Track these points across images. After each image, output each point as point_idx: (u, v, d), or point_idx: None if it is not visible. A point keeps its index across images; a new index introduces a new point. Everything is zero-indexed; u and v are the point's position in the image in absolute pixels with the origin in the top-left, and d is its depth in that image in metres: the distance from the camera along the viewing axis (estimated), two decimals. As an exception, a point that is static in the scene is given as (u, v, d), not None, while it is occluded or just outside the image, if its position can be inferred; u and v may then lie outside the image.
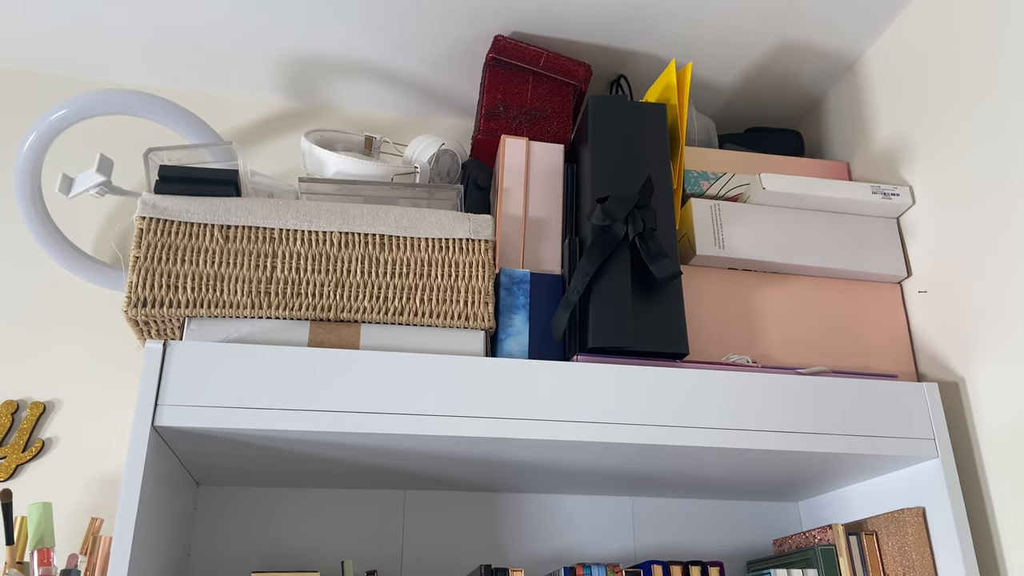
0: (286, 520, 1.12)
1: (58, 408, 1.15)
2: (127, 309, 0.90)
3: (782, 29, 1.25)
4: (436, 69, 1.33)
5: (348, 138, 1.26)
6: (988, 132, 1.04)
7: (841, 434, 0.97)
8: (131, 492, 0.81)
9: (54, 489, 1.10)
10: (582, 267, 0.98)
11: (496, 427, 0.89)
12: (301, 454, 0.95)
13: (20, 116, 1.31)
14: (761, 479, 1.10)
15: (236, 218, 0.97)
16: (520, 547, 1.16)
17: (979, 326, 1.03)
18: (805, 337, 1.12)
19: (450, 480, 1.10)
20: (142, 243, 0.93)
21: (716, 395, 0.96)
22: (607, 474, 1.07)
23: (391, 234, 1.00)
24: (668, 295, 1.01)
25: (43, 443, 1.12)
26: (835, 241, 1.16)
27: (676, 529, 1.21)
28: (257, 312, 0.93)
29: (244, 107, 1.40)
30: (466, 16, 1.22)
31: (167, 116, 1.18)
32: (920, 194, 1.16)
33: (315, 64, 1.32)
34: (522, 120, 1.20)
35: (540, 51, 1.21)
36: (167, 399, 0.84)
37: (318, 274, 0.96)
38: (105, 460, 1.13)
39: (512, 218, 1.09)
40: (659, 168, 1.08)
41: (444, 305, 0.98)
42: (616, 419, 0.92)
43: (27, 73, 1.34)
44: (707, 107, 1.44)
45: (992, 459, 0.99)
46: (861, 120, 1.30)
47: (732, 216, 1.15)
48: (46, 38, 1.27)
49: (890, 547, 1.00)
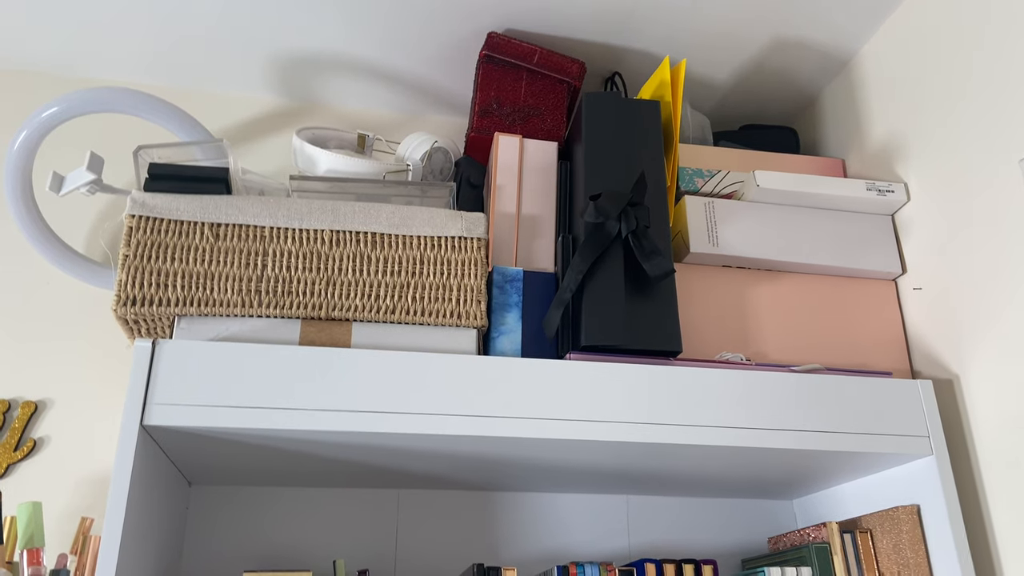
0: (279, 519, 1.11)
1: (50, 407, 1.14)
2: (116, 308, 0.90)
3: (777, 26, 1.25)
4: (429, 66, 1.33)
5: (341, 136, 1.26)
6: (982, 128, 1.03)
7: (835, 432, 0.96)
8: (120, 492, 0.80)
9: (46, 488, 1.10)
10: (575, 265, 0.98)
11: (489, 426, 0.89)
12: (293, 453, 0.95)
13: (10, 114, 1.30)
14: (756, 477, 1.10)
15: (226, 216, 0.96)
16: (514, 546, 1.15)
17: (973, 323, 1.03)
18: (799, 335, 1.11)
19: (443, 479, 1.09)
20: (132, 241, 0.93)
21: (710, 393, 0.95)
22: (601, 472, 1.07)
23: (383, 232, 0.99)
24: (661, 293, 1.01)
25: (35, 442, 1.12)
26: (830, 238, 1.16)
27: (672, 527, 1.20)
28: (248, 311, 0.92)
29: (236, 105, 1.39)
30: (459, 13, 1.21)
31: (158, 114, 1.17)
32: (915, 191, 1.16)
33: (307, 61, 1.32)
34: (516, 117, 1.19)
35: (534, 48, 1.21)
36: (156, 398, 0.84)
37: (309, 272, 0.96)
38: (96, 459, 1.12)
39: (505, 216, 1.09)
40: (653, 165, 1.08)
41: (436, 303, 0.97)
42: (609, 417, 0.92)
43: (17, 71, 1.34)
44: (702, 104, 1.43)
45: (986, 456, 0.99)
46: (856, 117, 1.29)
47: (726, 213, 1.14)
48: (36, 36, 1.26)
49: (885, 545, 1.00)
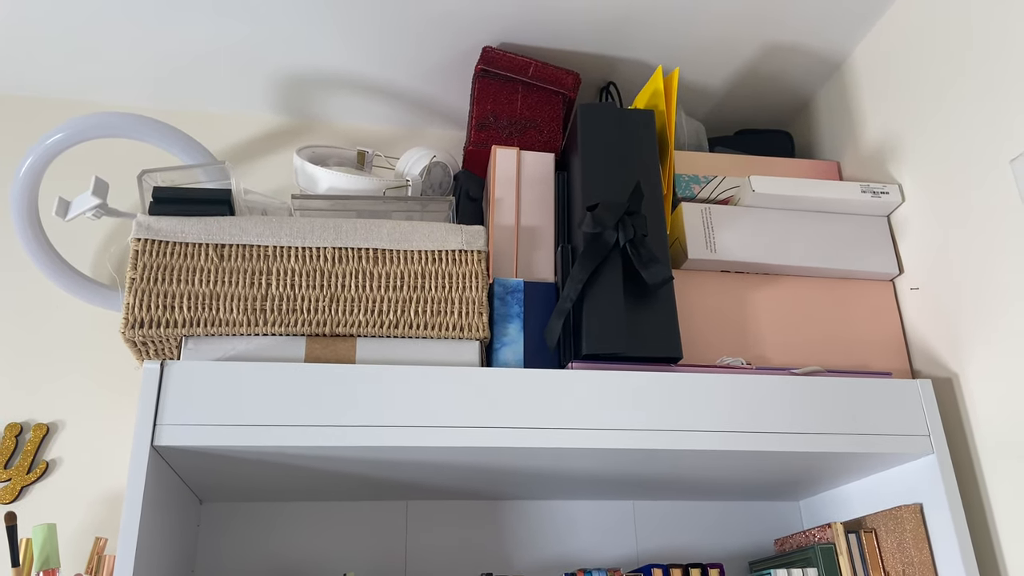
0: (290, 534, 1.12)
1: (61, 429, 1.16)
2: (124, 330, 0.91)
3: (768, 31, 1.26)
4: (426, 81, 1.34)
5: (340, 153, 1.27)
6: (975, 127, 1.05)
7: (837, 433, 0.97)
8: (133, 512, 0.82)
9: (59, 510, 1.11)
10: (574, 275, 0.99)
11: (494, 437, 0.90)
12: (302, 468, 0.96)
13: (16, 141, 1.32)
14: (760, 480, 1.11)
15: (230, 237, 0.98)
16: (523, 554, 1.17)
17: (971, 321, 1.04)
18: (799, 337, 1.13)
19: (451, 489, 1.10)
20: (138, 264, 0.95)
21: (711, 398, 0.96)
22: (607, 479, 1.08)
23: (384, 248, 1.01)
24: (661, 300, 1.02)
25: (47, 464, 1.13)
26: (826, 241, 1.17)
27: (679, 531, 1.21)
28: (253, 329, 0.94)
29: (237, 125, 1.41)
30: (454, 28, 1.23)
31: (161, 137, 1.19)
32: (909, 191, 1.17)
33: (306, 80, 1.33)
34: (512, 130, 1.21)
35: (528, 61, 1.22)
36: (166, 419, 0.85)
37: (313, 290, 0.97)
38: (108, 479, 1.14)
39: (504, 228, 1.10)
40: (649, 174, 1.09)
41: (439, 317, 0.99)
42: (613, 425, 0.93)
43: (22, 98, 1.36)
44: (696, 111, 1.45)
45: (987, 453, 1.00)
46: (850, 119, 1.31)
47: (723, 219, 1.15)
48: (40, 62, 1.28)
49: (889, 544, 1.01)
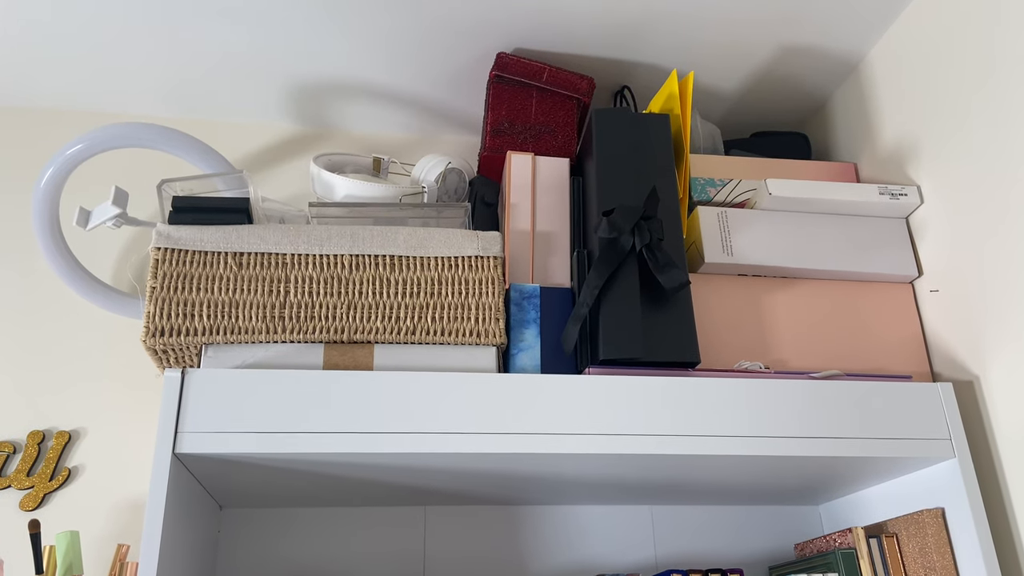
0: (309, 540, 1.13)
1: (83, 437, 1.17)
2: (145, 339, 0.92)
3: (783, 33, 1.25)
4: (441, 88, 1.35)
5: (356, 160, 1.28)
6: (994, 128, 1.04)
7: (857, 437, 0.97)
8: (155, 518, 0.83)
9: (81, 517, 1.13)
10: (590, 280, 0.99)
11: (511, 443, 0.90)
12: (321, 475, 0.97)
13: (37, 152, 1.34)
14: (779, 484, 1.10)
15: (249, 245, 0.99)
16: (542, 559, 1.16)
17: (992, 323, 1.03)
18: (817, 341, 1.12)
19: (469, 495, 1.11)
20: (158, 273, 0.95)
21: (730, 403, 0.96)
22: (625, 484, 1.07)
23: (401, 254, 1.01)
24: (677, 304, 1.02)
25: (69, 471, 1.14)
26: (844, 243, 1.16)
27: (698, 536, 1.21)
28: (272, 337, 0.95)
29: (254, 134, 1.42)
30: (468, 34, 1.23)
31: (179, 147, 1.20)
32: (928, 193, 1.16)
33: (321, 88, 1.34)
34: (527, 136, 1.21)
35: (543, 66, 1.23)
36: (187, 427, 0.86)
37: (330, 297, 0.98)
38: (130, 487, 1.15)
39: (520, 233, 1.10)
40: (665, 178, 1.09)
41: (455, 323, 0.99)
42: (630, 430, 0.93)
43: (43, 109, 1.37)
44: (712, 114, 1.44)
45: (1010, 457, 0.99)
46: (867, 121, 1.30)
47: (739, 222, 1.15)
48: (59, 74, 1.30)
49: (911, 549, 1.00)
